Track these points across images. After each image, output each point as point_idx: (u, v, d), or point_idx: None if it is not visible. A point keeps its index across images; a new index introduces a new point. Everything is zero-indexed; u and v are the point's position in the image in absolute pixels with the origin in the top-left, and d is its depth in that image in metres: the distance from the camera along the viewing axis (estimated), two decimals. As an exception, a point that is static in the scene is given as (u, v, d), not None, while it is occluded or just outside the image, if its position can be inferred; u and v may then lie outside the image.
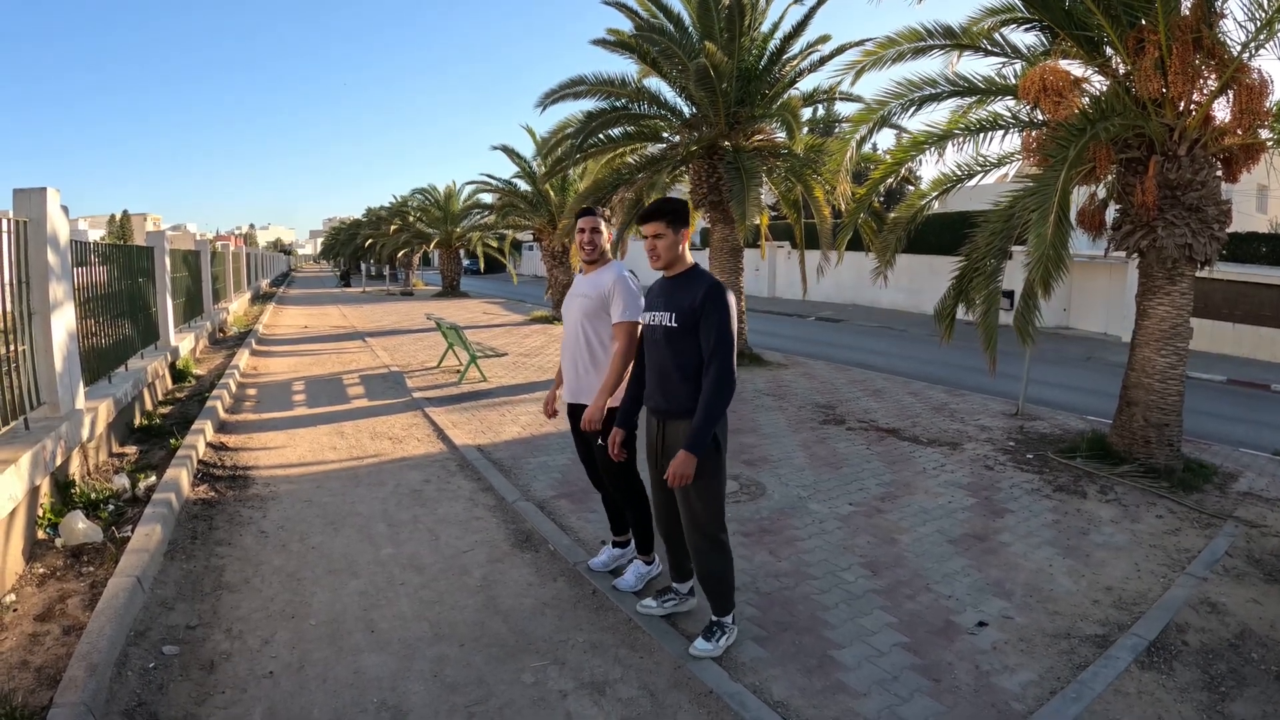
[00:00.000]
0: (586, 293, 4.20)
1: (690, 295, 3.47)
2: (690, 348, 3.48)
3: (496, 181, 22.05)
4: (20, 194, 5.37)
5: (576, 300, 4.26)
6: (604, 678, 3.52)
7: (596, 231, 4.22)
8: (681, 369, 3.50)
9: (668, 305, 3.53)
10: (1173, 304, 6.38)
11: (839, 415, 8.93)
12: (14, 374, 4.99)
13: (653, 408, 3.71)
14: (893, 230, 8.32)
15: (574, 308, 4.27)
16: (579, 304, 4.23)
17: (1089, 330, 19.98)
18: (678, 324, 3.47)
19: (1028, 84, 5.91)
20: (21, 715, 3.07)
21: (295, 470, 6.80)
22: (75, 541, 4.77)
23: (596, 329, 4.18)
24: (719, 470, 3.54)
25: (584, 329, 4.20)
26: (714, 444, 3.46)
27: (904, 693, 3.43)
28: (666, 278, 3.66)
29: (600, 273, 4.21)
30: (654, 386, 3.66)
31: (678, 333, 3.48)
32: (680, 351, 3.49)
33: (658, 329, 3.57)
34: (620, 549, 4.61)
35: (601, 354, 4.18)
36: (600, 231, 4.24)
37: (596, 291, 4.15)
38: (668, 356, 3.53)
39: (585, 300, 4.20)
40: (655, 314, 3.59)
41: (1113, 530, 5.40)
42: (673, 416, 3.59)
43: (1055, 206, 5.24)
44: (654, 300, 3.65)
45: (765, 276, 32.05)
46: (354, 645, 3.79)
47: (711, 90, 11.02)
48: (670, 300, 3.53)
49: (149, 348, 9.85)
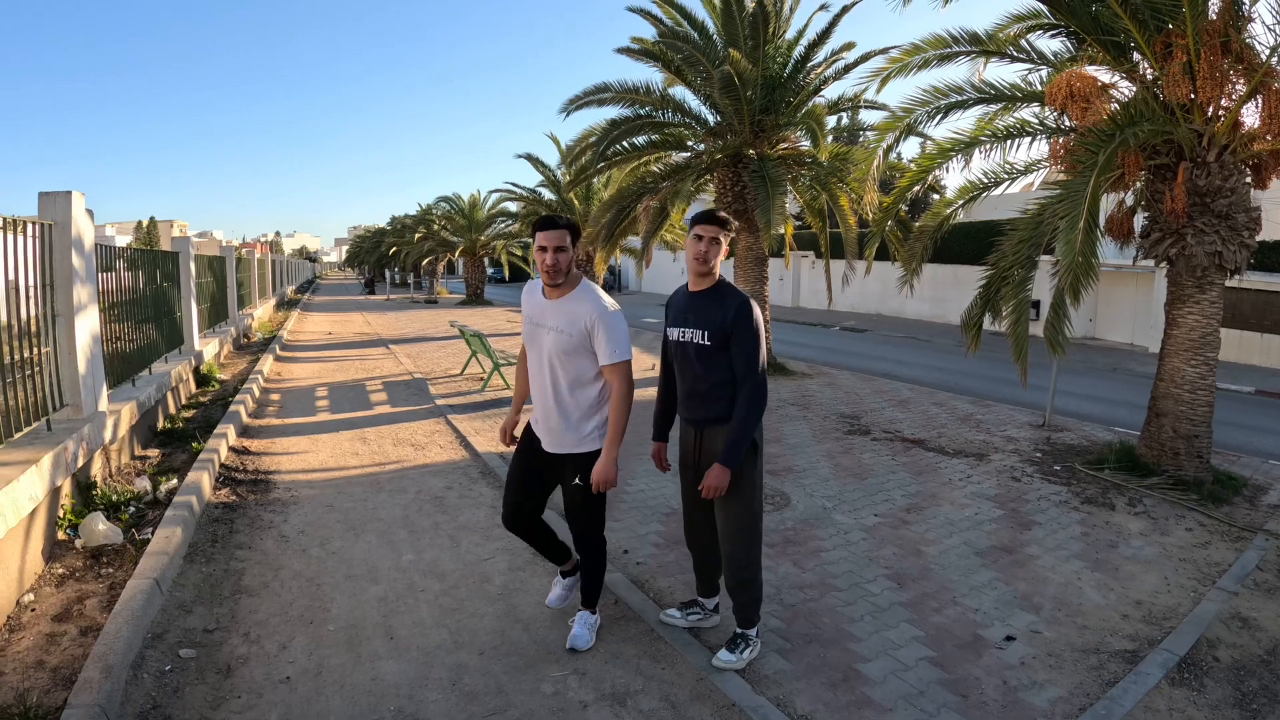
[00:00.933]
0: (561, 327, 3.50)
1: (721, 312, 3.43)
2: (724, 362, 3.46)
3: (521, 190, 22.20)
4: (45, 197, 5.43)
5: (548, 335, 3.54)
6: (625, 689, 3.47)
7: (562, 250, 3.44)
8: (718, 384, 3.48)
9: (699, 322, 3.47)
10: (1202, 313, 6.26)
11: (864, 425, 8.84)
12: (37, 375, 5.03)
13: (689, 417, 3.65)
14: (919, 239, 8.23)
15: (545, 343, 3.57)
16: (552, 340, 3.53)
17: (1115, 341, 19.71)
18: (711, 341, 3.43)
19: (1054, 90, 5.83)
20: (36, 715, 3.08)
21: (317, 475, 6.82)
22: (95, 543, 4.80)
23: (569, 369, 3.54)
24: (756, 480, 3.53)
25: (555, 369, 3.56)
26: (752, 447, 3.47)
27: (931, 708, 3.36)
28: (693, 291, 3.56)
29: (573, 301, 3.51)
30: (687, 398, 3.62)
31: (711, 349, 3.45)
32: (714, 368, 3.47)
33: (689, 345, 3.51)
34: (570, 577, 4.16)
35: (574, 402, 3.57)
36: (566, 249, 3.45)
37: (573, 327, 3.47)
38: (701, 372, 3.50)
39: (560, 337, 3.50)
40: (686, 330, 3.52)
41: (1142, 543, 5.30)
42: (711, 423, 3.56)
43: (1085, 213, 5.15)
44: (681, 315, 3.56)
45: (790, 286, 31.94)
46: (372, 651, 3.77)
47: (736, 98, 10.99)
48: (700, 317, 3.48)
49: (173, 352, 9.95)
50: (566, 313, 3.50)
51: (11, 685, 3.32)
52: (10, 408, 4.60)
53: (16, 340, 4.75)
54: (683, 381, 3.62)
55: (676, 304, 3.65)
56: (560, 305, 3.52)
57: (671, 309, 3.67)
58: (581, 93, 12.49)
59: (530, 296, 3.70)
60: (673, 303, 3.68)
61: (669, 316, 3.67)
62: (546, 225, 3.45)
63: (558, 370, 3.55)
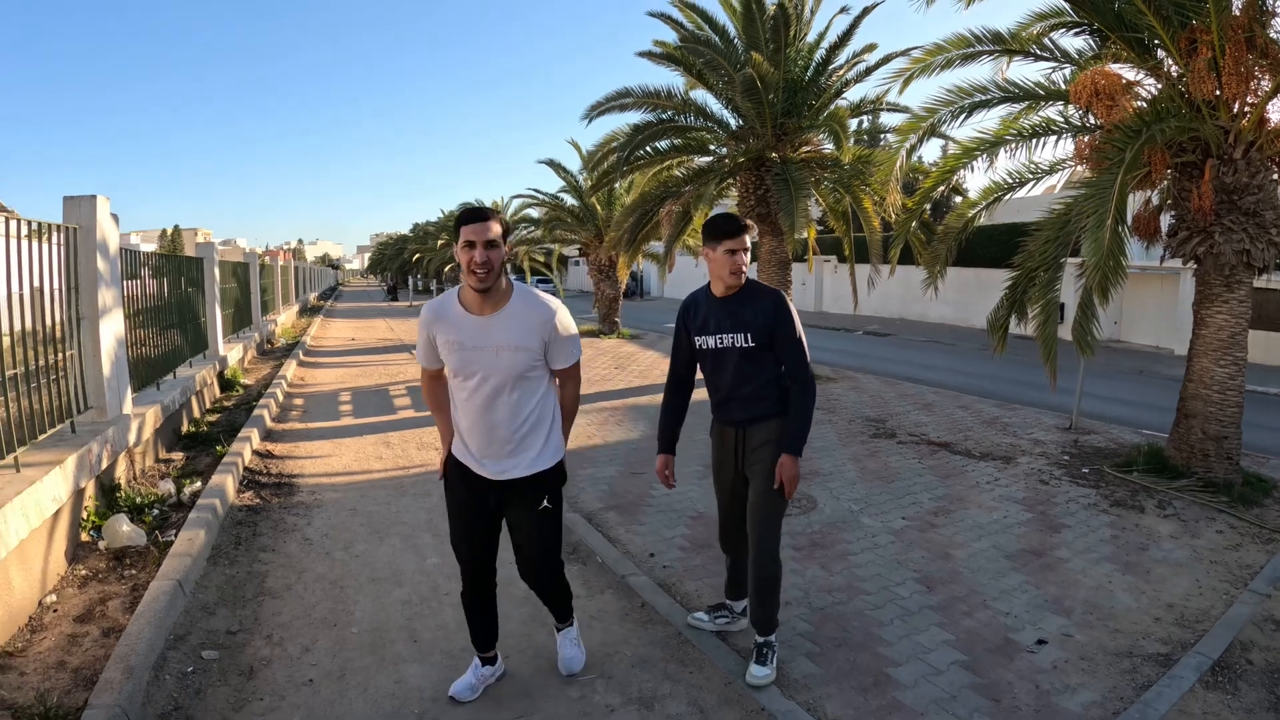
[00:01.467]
0: (518, 343, 2.97)
1: (759, 311, 3.40)
2: (767, 360, 3.45)
3: (543, 195, 22.21)
4: (70, 201, 5.49)
5: (501, 355, 2.97)
6: (652, 693, 3.44)
7: (493, 245, 2.87)
8: (765, 383, 3.47)
9: (737, 325, 3.42)
10: (1231, 312, 6.16)
11: (889, 429, 8.77)
12: (61, 378, 5.07)
13: (730, 420, 3.59)
14: (942, 241, 8.16)
15: (496, 366, 2.98)
16: (509, 361, 2.98)
17: (1140, 343, 19.47)
18: (755, 343, 3.40)
19: (1079, 88, 5.76)
20: (56, 715, 3.08)
21: (341, 479, 6.84)
22: (118, 544, 4.82)
23: (527, 387, 3.06)
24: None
25: (511, 391, 3.03)
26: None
27: (963, 713, 3.30)
28: (721, 297, 3.49)
29: (522, 310, 3.01)
30: (728, 402, 3.56)
31: (755, 350, 3.42)
32: (759, 368, 3.45)
33: (730, 351, 3.44)
34: (490, 667, 3.48)
35: (534, 418, 3.10)
36: (499, 246, 2.89)
37: (532, 339, 3.00)
38: (746, 374, 3.46)
39: (520, 355, 2.98)
40: (724, 336, 3.44)
41: (1172, 546, 5.20)
42: (755, 422, 3.52)
43: (1112, 210, 5.08)
44: (716, 322, 3.47)
45: (812, 290, 31.86)
46: (396, 655, 3.76)
47: (758, 101, 10.96)
48: (738, 320, 3.42)
49: (197, 357, 10.03)
50: (519, 325, 2.99)
51: (33, 685, 3.33)
52: (34, 410, 4.63)
53: (41, 343, 4.79)
54: (721, 387, 3.56)
55: (702, 312, 3.54)
56: (505, 319, 2.98)
57: (695, 318, 3.55)
58: (604, 98, 12.52)
59: (443, 319, 3.05)
60: (695, 312, 3.56)
61: (692, 326, 3.56)
62: (472, 217, 2.88)
63: (516, 392, 3.04)
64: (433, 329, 3.07)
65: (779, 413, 3.48)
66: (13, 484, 4.02)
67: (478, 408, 3.04)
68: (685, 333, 3.58)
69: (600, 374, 13.08)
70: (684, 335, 3.59)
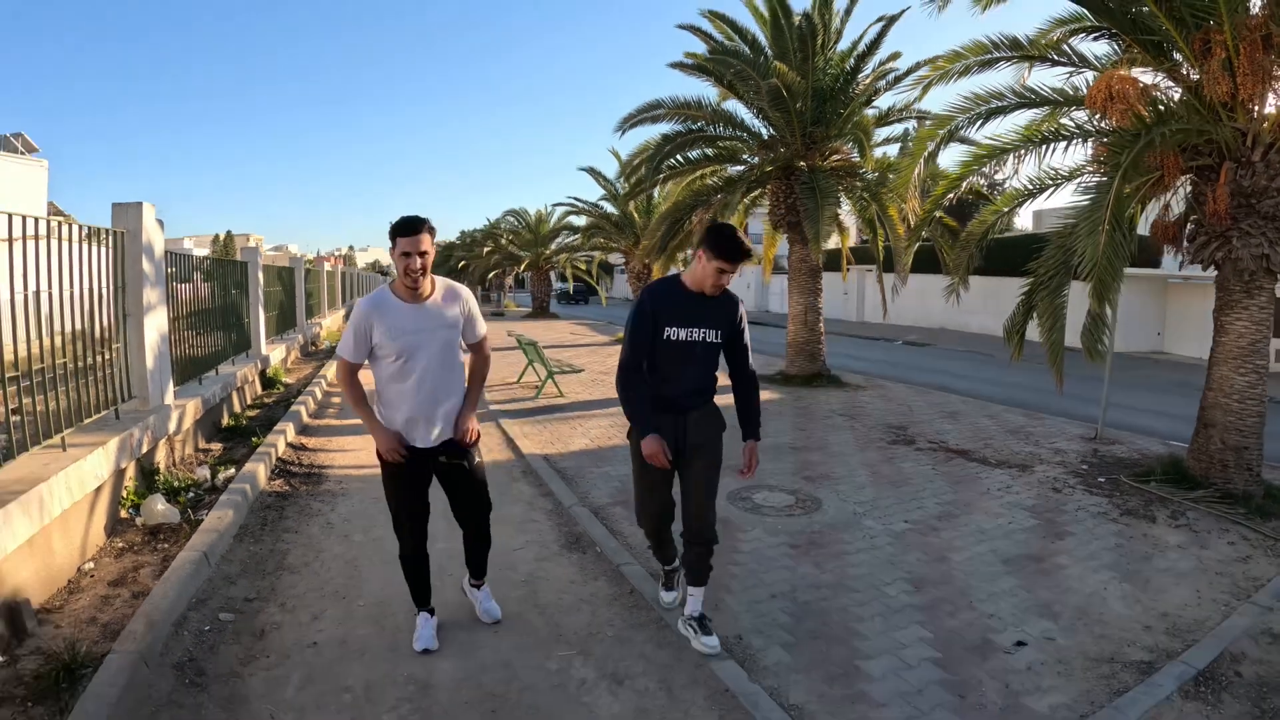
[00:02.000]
0: (450, 323, 3.62)
1: (730, 313, 3.80)
2: (718, 355, 3.88)
3: (583, 204, 22.60)
4: (118, 208, 5.91)
5: (438, 335, 3.58)
6: (626, 671, 3.62)
7: (426, 252, 3.42)
8: (711, 375, 3.87)
9: (711, 322, 3.74)
10: (1251, 319, 6.07)
11: (910, 436, 8.78)
12: (107, 368, 5.45)
13: (680, 407, 3.81)
14: (964, 247, 8.17)
15: (435, 346, 3.57)
16: (444, 339, 3.61)
17: (1183, 355, 18.93)
18: (720, 340, 3.80)
19: (1094, 92, 5.74)
20: (84, 660, 3.41)
21: (368, 471, 7.14)
22: (154, 521, 5.19)
23: (454, 358, 3.71)
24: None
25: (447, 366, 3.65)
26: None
27: (925, 706, 3.39)
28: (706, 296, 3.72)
29: (447, 296, 3.65)
30: (683, 392, 3.80)
31: (718, 346, 3.83)
32: (714, 360, 3.86)
33: (698, 344, 3.73)
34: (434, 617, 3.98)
35: (460, 384, 3.76)
36: (430, 251, 3.44)
37: (457, 319, 3.65)
38: (704, 365, 3.81)
39: (452, 333, 3.63)
40: (695, 329, 3.71)
41: (1178, 556, 5.16)
42: (697, 407, 3.86)
43: (1107, 215, 5.09)
44: (689, 317, 3.71)
45: (853, 300, 31.57)
46: (396, 625, 4.02)
47: (786, 110, 11.08)
48: (712, 318, 3.75)
49: (240, 355, 10.48)
50: (449, 309, 3.63)
51: (65, 636, 3.68)
52: (82, 395, 5.01)
53: (90, 336, 5.17)
54: (680, 379, 3.79)
55: (676, 306, 3.72)
56: (437, 305, 3.59)
57: (666, 310, 3.70)
58: (636, 110, 12.78)
59: (385, 313, 3.53)
60: (666, 305, 3.72)
61: (662, 317, 3.69)
62: (406, 230, 3.38)
63: (449, 366, 3.66)
64: (371, 319, 3.53)
65: (712, 399, 3.91)
66: (58, 460, 4.41)
67: (415, 385, 3.57)
68: (654, 321, 3.69)
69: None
70: (651, 323, 3.70)
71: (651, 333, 3.70)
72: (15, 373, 4.24)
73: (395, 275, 3.58)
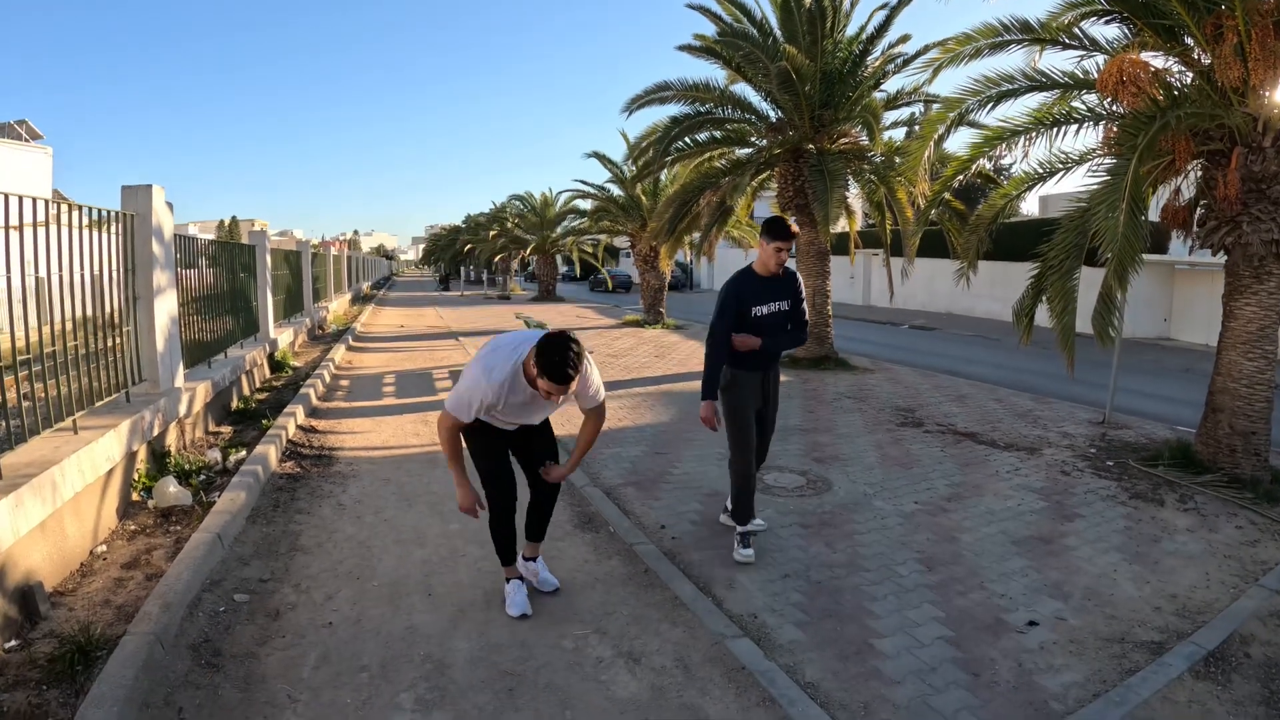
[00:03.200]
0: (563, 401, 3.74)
1: (793, 286, 4.80)
2: (788, 318, 4.81)
3: (590, 187, 22.55)
4: (128, 190, 5.90)
5: (549, 408, 3.88)
6: (641, 649, 3.65)
7: (568, 389, 3.50)
8: (785, 333, 4.82)
9: (781, 296, 4.72)
10: (1260, 304, 6.05)
11: (918, 418, 8.78)
12: (118, 352, 5.47)
13: (759, 366, 4.75)
14: (974, 231, 8.14)
15: (544, 412, 3.95)
16: (553, 407, 3.87)
17: (1190, 341, 18.85)
18: (790, 307, 4.76)
19: (1105, 75, 5.71)
20: (99, 643, 3.42)
21: (378, 453, 7.18)
22: (166, 504, 5.21)
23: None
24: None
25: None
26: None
27: (939, 684, 3.41)
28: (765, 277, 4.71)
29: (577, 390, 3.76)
30: (768, 354, 4.76)
31: (787, 312, 4.77)
32: (785, 323, 4.79)
33: (778, 314, 4.72)
34: (533, 563, 4.29)
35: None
36: (574, 389, 3.60)
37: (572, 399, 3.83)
38: (781, 329, 4.76)
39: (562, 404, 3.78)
40: (774, 304, 4.69)
41: (1186, 539, 5.18)
42: (775, 363, 4.93)
43: (1126, 197, 5.07)
44: (765, 295, 4.68)
45: (860, 284, 31.42)
46: (410, 605, 4.05)
47: (794, 93, 11.02)
48: (781, 293, 4.73)
49: (249, 338, 10.50)
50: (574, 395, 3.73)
51: (79, 619, 3.70)
52: (93, 379, 5.02)
53: (99, 320, 5.17)
54: (765, 344, 4.66)
55: (754, 289, 4.69)
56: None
57: (748, 293, 4.66)
58: (643, 91, 12.73)
59: (516, 388, 3.57)
60: (747, 289, 4.67)
61: (746, 299, 4.64)
62: (559, 379, 3.37)
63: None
64: (500, 392, 3.53)
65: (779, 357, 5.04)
66: (70, 443, 4.41)
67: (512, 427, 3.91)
68: (737, 302, 4.62)
69: (640, 361, 13.29)
70: (735, 305, 4.61)
71: (736, 312, 4.61)
72: (27, 356, 4.24)
73: (525, 355, 3.51)
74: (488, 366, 3.53)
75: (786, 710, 3.17)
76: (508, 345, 3.61)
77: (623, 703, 3.25)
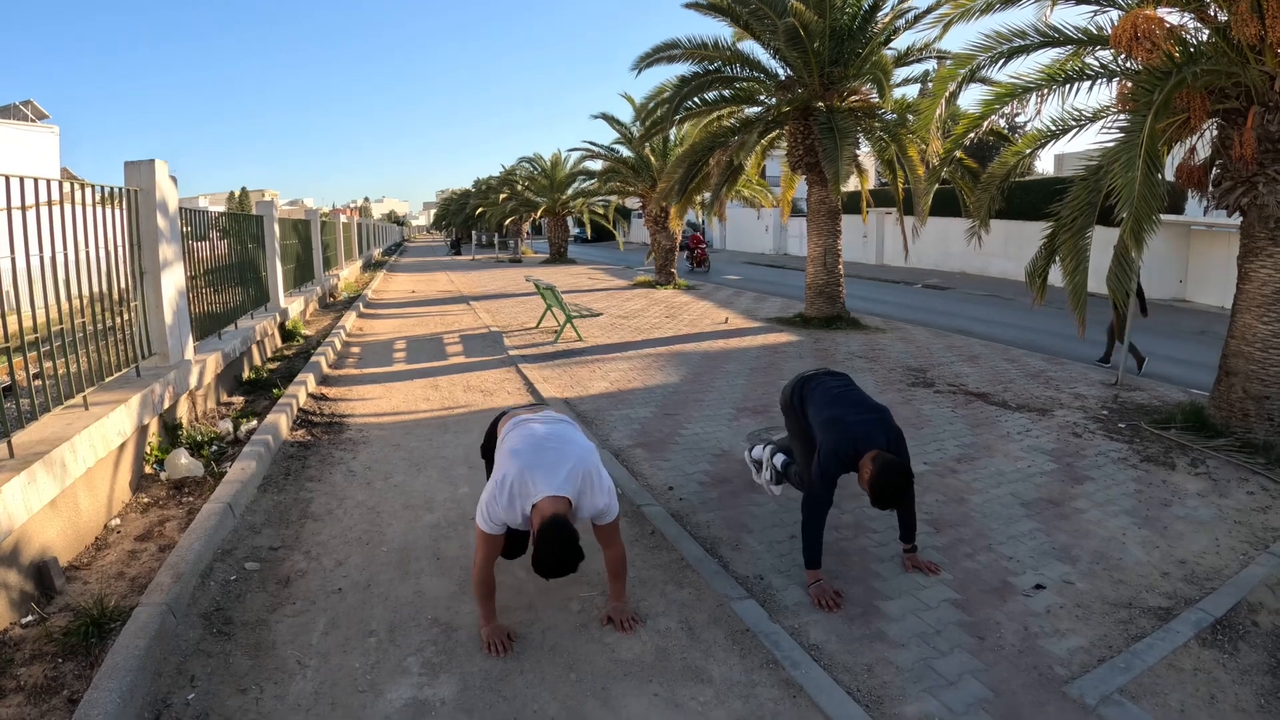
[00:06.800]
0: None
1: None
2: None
3: (599, 148, 22.33)
4: (130, 166, 5.88)
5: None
6: (647, 611, 3.69)
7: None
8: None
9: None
10: (1275, 265, 5.93)
11: (929, 379, 8.74)
12: (127, 326, 5.48)
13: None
14: (986, 189, 8.03)
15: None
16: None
17: (1206, 303, 18.60)
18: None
19: (1119, 31, 5.56)
20: (113, 615, 3.48)
21: (388, 419, 7.22)
22: (178, 475, 5.26)
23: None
24: None
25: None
26: None
27: (944, 647, 3.43)
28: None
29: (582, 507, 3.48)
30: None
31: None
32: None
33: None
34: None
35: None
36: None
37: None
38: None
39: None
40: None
41: (1197, 504, 5.14)
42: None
43: (1142, 154, 4.97)
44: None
45: (873, 244, 31.15)
46: (418, 570, 4.10)
47: (803, 50, 10.82)
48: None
49: (259, 309, 10.54)
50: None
51: (93, 592, 3.77)
52: (102, 354, 5.04)
53: (108, 295, 5.17)
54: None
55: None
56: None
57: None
58: (652, 49, 12.53)
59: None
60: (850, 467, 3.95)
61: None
62: (554, 573, 3.17)
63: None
64: (509, 518, 3.32)
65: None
66: (82, 419, 4.45)
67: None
68: (839, 469, 4.01)
69: (650, 323, 13.28)
70: (838, 471, 4.03)
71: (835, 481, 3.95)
72: (35, 335, 4.25)
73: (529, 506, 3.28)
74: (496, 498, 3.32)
75: (790, 673, 3.20)
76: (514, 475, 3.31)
77: (627, 664, 3.29)
